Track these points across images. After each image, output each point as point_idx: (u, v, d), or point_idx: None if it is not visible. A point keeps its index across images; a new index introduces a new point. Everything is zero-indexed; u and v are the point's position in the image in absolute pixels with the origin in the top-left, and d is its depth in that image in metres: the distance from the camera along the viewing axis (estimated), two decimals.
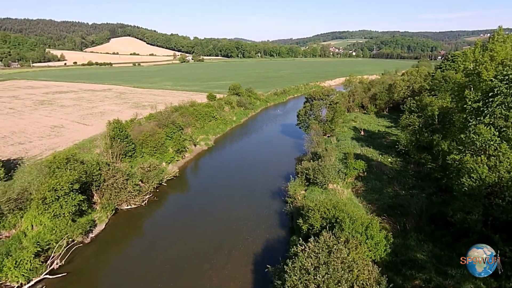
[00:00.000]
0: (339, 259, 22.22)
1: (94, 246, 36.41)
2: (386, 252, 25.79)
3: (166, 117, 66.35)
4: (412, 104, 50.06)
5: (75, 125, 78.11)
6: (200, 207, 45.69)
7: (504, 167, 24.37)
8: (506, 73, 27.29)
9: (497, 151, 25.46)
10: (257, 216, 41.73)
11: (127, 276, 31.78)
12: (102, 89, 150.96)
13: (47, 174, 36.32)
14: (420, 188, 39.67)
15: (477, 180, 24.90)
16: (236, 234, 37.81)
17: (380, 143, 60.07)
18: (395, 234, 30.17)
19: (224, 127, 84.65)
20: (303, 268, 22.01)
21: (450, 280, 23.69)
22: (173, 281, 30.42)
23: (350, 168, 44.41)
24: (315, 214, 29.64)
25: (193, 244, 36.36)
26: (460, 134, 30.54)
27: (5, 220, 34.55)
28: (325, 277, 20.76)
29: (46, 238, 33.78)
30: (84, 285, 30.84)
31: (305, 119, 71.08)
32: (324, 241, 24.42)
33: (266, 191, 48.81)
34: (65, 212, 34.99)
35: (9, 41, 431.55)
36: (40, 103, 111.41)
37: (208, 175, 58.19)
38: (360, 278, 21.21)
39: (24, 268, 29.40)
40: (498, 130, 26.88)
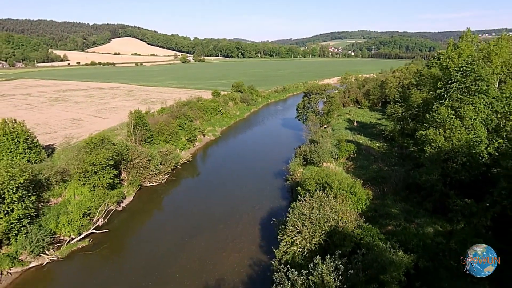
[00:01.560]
0: (328, 206, 29.18)
1: (125, 213, 43.38)
2: (366, 206, 32.73)
3: (177, 110, 73.30)
4: (396, 95, 57.09)
5: (92, 118, 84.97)
6: (212, 185, 52.69)
7: (456, 137, 31.24)
8: (461, 65, 34.15)
9: (451, 125, 32.35)
10: (261, 191, 48.68)
11: (157, 232, 38.86)
12: (110, 87, 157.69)
13: (86, 152, 43.16)
14: (401, 165, 46.59)
15: (436, 148, 31.83)
16: (244, 204, 44.75)
17: (370, 132, 67.07)
18: (376, 197, 37.18)
19: (229, 121, 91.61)
20: (301, 212, 28.94)
21: (414, 225, 30.67)
22: (194, 237, 37.30)
23: (342, 150, 51.37)
24: (310, 181, 36.56)
25: (208, 212, 43.30)
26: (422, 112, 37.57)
27: (53, 190, 41.39)
28: (317, 217, 27.70)
29: (87, 205, 40.58)
30: (122, 239, 37.88)
31: (304, 112, 78.04)
32: (317, 196, 31.35)
33: (269, 172, 55.72)
34: (102, 183, 41.91)
35: (12, 41, 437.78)
36: (54, 99, 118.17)
37: (217, 160, 65.22)
38: (343, 218, 28.16)
39: (75, 225, 36.33)
40: (454, 110, 33.74)
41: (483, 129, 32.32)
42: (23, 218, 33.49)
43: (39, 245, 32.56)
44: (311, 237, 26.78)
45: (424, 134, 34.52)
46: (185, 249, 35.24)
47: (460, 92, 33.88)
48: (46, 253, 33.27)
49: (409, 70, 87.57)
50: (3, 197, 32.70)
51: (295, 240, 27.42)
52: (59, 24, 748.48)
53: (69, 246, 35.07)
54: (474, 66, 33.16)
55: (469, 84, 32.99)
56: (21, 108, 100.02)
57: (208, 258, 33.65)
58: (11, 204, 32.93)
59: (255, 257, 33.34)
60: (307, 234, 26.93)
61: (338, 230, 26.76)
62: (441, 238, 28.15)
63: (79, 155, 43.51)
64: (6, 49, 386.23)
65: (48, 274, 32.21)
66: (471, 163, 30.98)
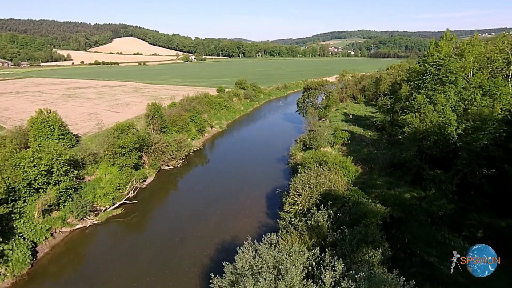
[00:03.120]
0: (323, 175, 35.70)
1: (149, 190, 49.95)
2: (356, 178, 39.23)
3: (188, 104, 79.79)
4: (386, 89, 63.59)
5: (108, 112, 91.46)
6: (222, 168, 59.31)
7: (429, 120, 37.68)
8: (434, 60, 40.59)
9: (426, 110, 38.77)
10: (266, 172, 55.23)
11: (177, 204, 45.59)
12: (118, 85, 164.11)
13: (114, 137, 49.66)
14: (389, 149, 53.06)
15: (413, 128, 38.35)
16: (251, 183, 51.28)
17: (364, 123, 73.57)
18: (364, 173, 43.71)
19: (234, 115, 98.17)
20: (301, 180, 35.47)
21: (394, 191, 37.18)
22: (209, 207, 43.81)
23: (337, 137, 57.88)
24: (309, 160, 43.12)
25: (220, 189, 49.87)
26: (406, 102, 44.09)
27: (87, 169, 47.94)
28: (314, 183, 34.22)
29: (117, 182, 47.05)
30: (149, 209, 44.50)
31: (304, 106, 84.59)
32: (315, 168, 37.88)
33: (272, 158, 62.25)
34: (129, 164, 48.46)
35: (17, 41, 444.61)
36: (67, 96, 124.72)
37: (225, 149, 71.84)
38: (335, 184, 34.69)
39: (109, 196, 42.89)
40: (429, 97, 40.14)
41: (453, 113, 38.79)
42: (68, 189, 40.02)
43: (83, 211, 39.10)
44: (309, 198, 33.30)
45: (404, 118, 41.05)
46: (203, 216, 41.78)
47: (434, 83, 40.32)
48: (87, 218, 39.83)
49: (402, 67, 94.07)
50: (52, 171, 39.17)
51: (297, 201, 33.97)
52: (61, 24, 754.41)
53: (106, 213, 41.61)
54: (445, 61, 39.61)
55: (441, 76, 39.42)
56: (38, 104, 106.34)
57: (222, 222, 40.18)
58: (58, 177, 39.44)
59: (263, 221, 39.85)
60: (306, 196, 33.47)
61: (331, 192, 33.27)
62: (415, 201, 34.70)
63: (108, 140, 50.01)
64: (11, 49, 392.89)
65: (90, 235, 38.73)
66: (442, 141, 37.44)
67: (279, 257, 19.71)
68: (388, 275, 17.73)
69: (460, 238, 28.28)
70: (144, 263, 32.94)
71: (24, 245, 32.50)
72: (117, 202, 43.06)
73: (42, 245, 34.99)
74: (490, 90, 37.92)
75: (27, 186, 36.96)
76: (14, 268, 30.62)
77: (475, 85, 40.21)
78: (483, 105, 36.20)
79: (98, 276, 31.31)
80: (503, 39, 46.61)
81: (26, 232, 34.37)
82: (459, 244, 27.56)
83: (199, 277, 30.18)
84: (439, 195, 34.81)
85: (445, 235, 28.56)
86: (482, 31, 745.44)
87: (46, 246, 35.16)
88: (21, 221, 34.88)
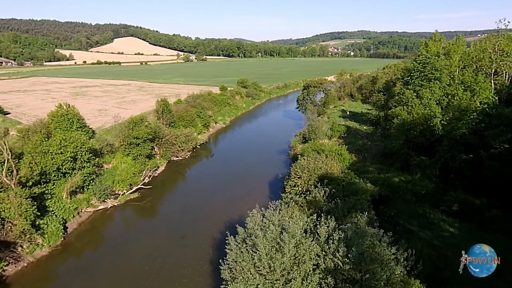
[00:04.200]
0: (321, 160, 40.10)
1: (160, 178, 54.31)
2: (350, 164, 43.60)
3: (193, 101, 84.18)
4: (380, 86, 67.99)
5: (116, 109, 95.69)
6: (227, 160, 63.78)
7: (415, 112, 42.09)
8: (421, 59, 45.02)
9: (413, 103, 43.15)
10: (268, 163, 59.61)
11: (187, 190, 49.97)
12: (122, 84, 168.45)
13: (129, 129, 54.00)
14: (382, 141, 57.44)
15: (401, 120, 42.75)
16: (255, 172, 55.67)
17: (360, 119, 78.00)
18: (358, 162, 48.09)
19: (237, 112, 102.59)
20: (301, 165, 39.85)
21: (384, 175, 41.55)
22: (217, 193, 48.16)
23: (334, 130, 62.30)
24: (308, 149, 47.48)
25: (226, 177, 54.30)
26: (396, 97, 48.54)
27: (105, 157, 52.29)
28: (313, 167, 38.60)
29: (132, 170, 51.37)
30: (163, 194, 48.92)
31: (303, 103, 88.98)
32: (313, 156, 42.27)
33: (274, 151, 66.64)
34: (143, 153, 52.81)
35: (19, 41, 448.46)
36: (75, 94, 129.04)
37: (229, 142, 76.33)
38: (332, 168, 39.07)
39: (126, 182, 47.23)
40: (416, 92, 44.51)
41: (438, 106, 43.18)
42: (91, 174, 44.41)
43: (104, 193, 43.45)
44: (308, 180, 37.67)
45: (393, 111, 45.48)
46: (211, 200, 46.13)
47: (421, 79, 44.71)
48: (108, 200, 44.18)
49: (397, 66, 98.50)
50: (76, 158, 43.52)
51: (297, 183, 38.35)
52: (62, 24, 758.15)
53: (124, 197, 45.95)
54: (431, 60, 44.01)
55: (427, 73, 43.81)
56: (48, 101, 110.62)
57: (229, 205, 44.48)
58: (82, 163, 43.82)
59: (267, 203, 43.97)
60: (305, 178, 37.85)
61: (327, 175, 37.61)
62: (402, 183, 39.10)
63: (123, 131, 54.37)
64: (15, 49, 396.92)
65: (111, 215, 43.08)
66: (427, 131, 41.81)
67: (283, 219, 24.05)
68: (370, 229, 22.08)
69: (439, 212, 32.66)
70: (161, 237, 37.32)
71: (56, 221, 36.86)
72: (134, 187, 47.38)
73: (70, 222, 39.32)
74: (471, 86, 42.31)
75: (56, 171, 41.37)
76: (50, 240, 34.98)
77: (458, 81, 44.65)
78: (463, 99, 40.54)
79: (121, 247, 35.69)
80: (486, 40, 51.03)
81: (57, 210, 38.70)
82: (437, 216, 31.95)
83: (211, 247, 34.55)
84: (424, 179, 39.19)
85: (426, 210, 32.95)
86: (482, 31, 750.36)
87: (74, 223, 39.51)
88: (52, 200, 39.26)
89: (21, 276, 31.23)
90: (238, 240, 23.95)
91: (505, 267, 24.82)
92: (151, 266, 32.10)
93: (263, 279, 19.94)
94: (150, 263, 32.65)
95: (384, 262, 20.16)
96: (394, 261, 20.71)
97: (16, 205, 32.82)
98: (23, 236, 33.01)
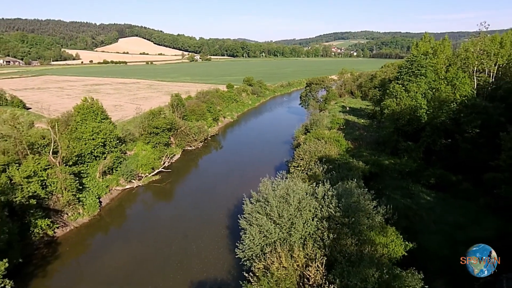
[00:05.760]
0: (321, 145, 46.13)
1: (177, 164, 60.50)
2: (346, 150, 49.57)
3: (203, 97, 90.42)
4: (376, 83, 73.89)
5: (130, 105, 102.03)
6: (236, 149, 70.02)
7: (403, 104, 48.01)
8: (409, 57, 50.92)
9: (401, 96, 49.07)
10: (274, 151, 65.71)
11: (202, 174, 56.32)
12: (131, 82, 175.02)
13: (148, 120, 60.21)
14: (376, 132, 63.38)
15: (391, 110, 48.72)
16: (262, 159, 61.79)
17: (359, 114, 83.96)
18: (354, 149, 54.07)
19: (243, 108, 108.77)
20: (303, 148, 45.89)
21: (376, 158, 47.49)
22: (229, 176, 54.33)
23: (334, 123, 68.30)
24: (310, 137, 53.48)
25: (236, 163, 60.48)
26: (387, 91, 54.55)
27: (127, 145, 58.55)
28: (313, 150, 44.62)
29: (152, 157, 57.56)
30: (181, 177, 55.14)
31: (306, 99, 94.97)
32: (314, 141, 48.30)
33: (278, 142, 72.75)
34: (162, 142, 59.02)
35: (26, 40, 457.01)
36: (88, 91, 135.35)
37: (237, 134, 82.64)
38: (330, 151, 45.07)
39: (148, 166, 53.43)
40: (404, 86, 50.44)
41: (423, 99, 49.05)
42: (118, 158, 50.65)
43: (130, 175, 49.67)
44: (309, 160, 43.68)
45: (385, 103, 51.46)
46: (224, 182, 52.29)
47: (409, 75, 50.64)
48: (134, 181, 50.39)
49: (395, 65, 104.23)
50: (105, 144, 49.74)
51: (299, 164, 44.38)
52: (67, 24, 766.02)
53: (147, 179, 52.16)
54: (417, 58, 49.93)
55: (414, 69, 49.72)
56: (63, 98, 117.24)
57: (241, 185, 50.33)
58: (111, 148, 50.07)
59: None
60: (307, 159, 43.88)
61: (326, 157, 43.63)
62: (391, 164, 45.06)
63: (143, 122, 60.60)
64: (22, 48, 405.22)
65: (137, 193, 49.28)
66: (414, 120, 47.72)
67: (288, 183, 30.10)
68: (357, 189, 28.11)
69: (419, 185, 38.64)
70: (182, 209, 43.55)
71: (93, 195, 43.13)
72: (156, 170, 53.61)
73: (103, 197, 45.56)
74: (452, 81, 48.13)
75: (89, 154, 47.66)
76: (89, 210, 41.24)
77: (441, 77, 50.52)
78: (445, 92, 46.33)
79: (148, 217, 42.01)
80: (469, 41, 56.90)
81: (92, 187, 44.91)
82: (418, 189, 37.96)
83: (226, 216, 40.63)
84: (410, 161, 45.12)
85: (408, 184, 38.91)
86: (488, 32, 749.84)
87: (106, 199, 45.76)
88: (88, 179, 45.51)
89: (68, 238, 37.47)
90: (252, 200, 30.04)
91: (465, 222, 31.08)
92: (176, 232, 38.21)
93: (273, 224, 26.01)
94: (174, 230, 38.77)
95: (367, 212, 26.25)
96: (375, 212, 26.79)
97: (62, 180, 39.06)
98: (68, 205, 39.29)
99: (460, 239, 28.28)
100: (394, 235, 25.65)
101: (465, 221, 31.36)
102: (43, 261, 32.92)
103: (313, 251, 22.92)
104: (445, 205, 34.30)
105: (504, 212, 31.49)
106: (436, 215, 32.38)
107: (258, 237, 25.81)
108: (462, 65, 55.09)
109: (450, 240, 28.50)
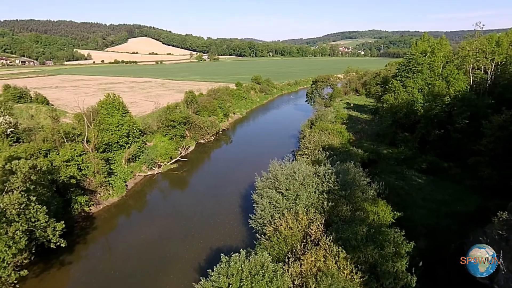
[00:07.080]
0: (324, 135, 50.73)
1: (191, 155, 65.63)
2: (348, 141, 54.08)
3: (214, 94, 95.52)
4: (378, 80, 78.10)
5: (145, 102, 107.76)
6: (246, 142, 74.98)
7: (400, 98, 52.31)
8: (407, 55, 55.17)
9: (399, 91, 53.35)
10: (281, 144, 70.40)
11: (215, 163, 61.41)
12: (143, 81, 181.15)
13: (167, 114, 65.41)
14: (377, 126, 67.63)
15: (390, 104, 53.08)
16: (270, 150, 66.32)
17: (362, 110, 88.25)
18: (356, 140, 58.56)
19: (252, 105, 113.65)
20: (308, 138, 50.54)
21: (376, 147, 51.92)
22: (241, 165, 59.25)
23: (338, 117, 72.75)
24: (315, 129, 58.07)
25: (246, 154, 65.48)
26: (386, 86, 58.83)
27: (147, 137, 63.85)
28: (318, 140, 49.23)
29: (170, 147, 62.67)
30: (196, 166, 60.25)
31: (312, 96, 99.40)
32: (318, 132, 52.88)
33: (285, 135, 77.44)
34: (178, 134, 64.19)
35: (40, 41, 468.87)
36: (103, 89, 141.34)
37: (247, 129, 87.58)
38: (333, 141, 49.66)
39: (167, 155, 58.62)
40: (402, 82, 54.69)
41: (420, 94, 53.30)
42: (140, 147, 55.91)
43: (152, 162, 54.90)
44: (314, 149, 48.32)
45: (384, 98, 55.86)
46: (235, 170, 57.19)
47: (406, 72, 54.91)
48: (154, 168, 55.60)
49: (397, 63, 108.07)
50: (129, 135, 55.03)
51: (305, 152, 49.05)
52: (78, 24, 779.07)
53: (166, 167, 57.33)
54: (414, 56, 54.17)
55: (411, 66, 53.98)
56: (81, 96, 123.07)
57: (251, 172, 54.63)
58: (134, 138, 55.35)
59: None
60: (311, 148, 48.53)
61: (329, 145, 48.23)
62: (388, 153, 49.47)
63: (161, 116, 65.82)
64: (36, 48, 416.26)
65: (158, 179, 54.46)
66: (410, 113, 52.02)
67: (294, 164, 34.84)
68: (354, 168, 32.74)
69: (412, 170, 43.05)
70: (199, 193, 48.55)
71: (120, 179, 48.41)
72: (174, 158, 58.80)
73: (129, 182, 50.81)
74: (447, 77, 52.28)
75: (116, 143, 52.98)
76: (117, 191, 46.52)
77: (437, 74, 54.72)
78: (439, 87, 50.51)
79: (169, 200, 47.14)
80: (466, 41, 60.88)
81: (119, 172, 50.19)
82: (411, 173, 42.36)
83: (239, 197, 45.50)
84: (406, 150, 49.47)
85: (403, 169, 43.35)
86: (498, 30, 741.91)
87: (131, 183, 51.03)
88: (115, 165, 50.82)
89: (101, 214, 42.71)
90: (263, 179, 34.87)
91: (450, 200, 35.53)
92: (195, 211, 43.17)
93: (281, 195, 30.80)
94: (193, 209, 43.75)
95: (361, 186, 30.89)
96: (368, 186, 31.42)
97: (95, 164, 44.39)
98: (100, 186, 44.61)
99: (443, 212, 32.75)
100: (384, 205, 30.23)
101: (451, 199, 35.76)
102: (82, 232, 38.19)
103: (314, 215, 27.66)
104: (434, 186, 38.71)
105: (486, 191, 35.80)
106: (424, 194, 36.87)
107: (269, 207, 30.63)
108: (459, 62, 59.08)
109: (434, 213, 32.97)
